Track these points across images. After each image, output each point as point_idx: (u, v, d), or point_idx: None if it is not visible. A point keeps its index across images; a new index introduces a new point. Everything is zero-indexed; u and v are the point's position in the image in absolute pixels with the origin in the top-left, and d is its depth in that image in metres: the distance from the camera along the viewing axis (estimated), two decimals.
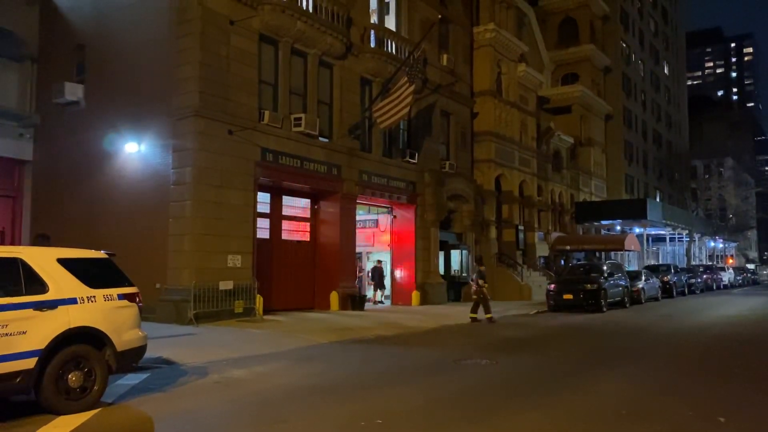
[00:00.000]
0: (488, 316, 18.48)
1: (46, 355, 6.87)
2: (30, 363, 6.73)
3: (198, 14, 16.98)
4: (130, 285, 8.11)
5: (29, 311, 6.85)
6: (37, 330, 6.84)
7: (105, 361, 7.45)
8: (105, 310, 7.53)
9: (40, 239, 15.68)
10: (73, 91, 19.27)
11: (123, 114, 18.20)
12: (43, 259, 7.30)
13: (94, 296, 7.46)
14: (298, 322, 16.91)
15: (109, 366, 7.50)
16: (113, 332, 7.53)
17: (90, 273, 7.65)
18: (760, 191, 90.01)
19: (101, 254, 8.20)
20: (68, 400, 7.06)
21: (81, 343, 7.26)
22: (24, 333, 6.74)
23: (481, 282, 18.78)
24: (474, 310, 18.62)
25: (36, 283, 7.06)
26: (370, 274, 25.99)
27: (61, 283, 7.23)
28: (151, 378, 9.23)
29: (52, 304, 7.04)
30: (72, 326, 7.12)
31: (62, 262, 7.42)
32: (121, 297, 7.82)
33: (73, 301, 7.24)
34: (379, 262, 26.00)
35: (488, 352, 12.16)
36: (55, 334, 6.95)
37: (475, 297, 18.87)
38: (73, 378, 7.10)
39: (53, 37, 20.75)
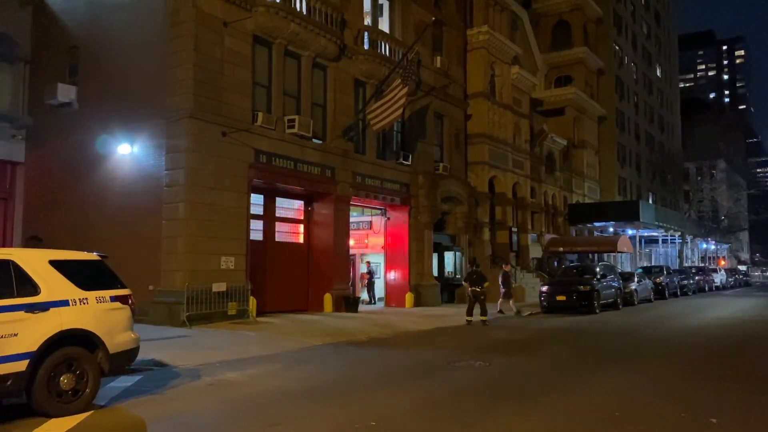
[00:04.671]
0: (483, 318, 18.50)
1: (38, 357, 6.84)
2: (21, 365, 6.69)
3: (191, 16, 16.95)
4: (123, 287, 8.08)
5: (21, 313, 6.81)
6: (28, 332, 6.80)
7: (97, 364, 7.42)
8: (97, 312, 7.50)
9: (32, 241, 15.65)
10: (66, 93, 19.18)
11: (116, 116, 18.14)
12: (35, 261, 7.27)
13: (86, 298, 7.43)
14: (291, 324, 16.90)
15: (102, 368, 7.47)
16: (105, 334, 7.50)
17: (82, 275, 7.61)
18: (751, 193, 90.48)
19: (93, 256, 8.17)
20: (60, 403, 7.03)
21: (73, 345, 7.23)
22: (15, 335, 6.70)
23: (487, 285, 18.91)
24: (470, 313, 18.62)
25: (28, 285, 7.03)
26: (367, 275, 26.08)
27: (53, 285, 7.20)
28: (144, 380, 9.19)
29: (44, 307, 7.01)
30: (64, 328, 7.09)
31: (54, 264, 7.39)
32: (114, 299, 7.79)
33: (65, 303, 7.20)
34: (368, 263, 26.04)
35: (482, 353, 12.18)
36: (46, 336, 6.91)
37: (472, 296, 18.83)
38: (65, 380, 7.07)
39: (46, 38, 20.67)
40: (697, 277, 42.78)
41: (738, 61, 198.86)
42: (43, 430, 6.58)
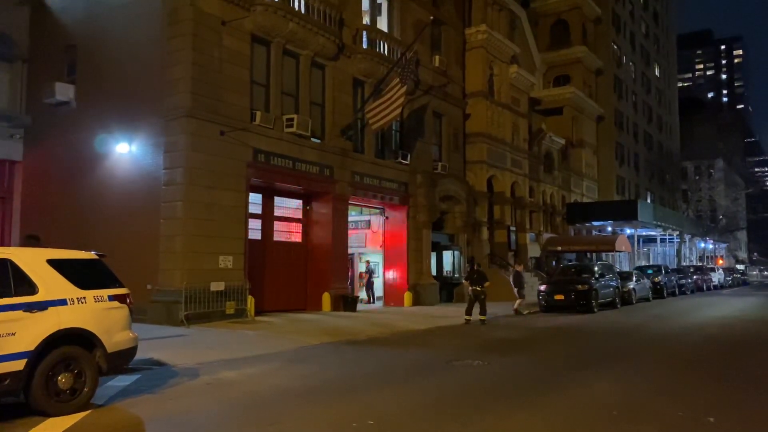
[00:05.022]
0: (482, 317, 18.50)
1: (36, 356, 6.83)
2: (19, 365, 6.69)
3: (190, 15, 16.93)
4: (121, 286, 8.07)
5: (19, 313, 6.80)
6: (26, 331, 6.80)
7: (95, 363, 7.41)
8: (95, 312, 7.49)
9: (30, 240, 15.60)
10: (64, 92, 19.17)
11: (114, 114, 18.13)
12: (32, 261, 7.25)
13: (84, 297, 7.42)
14: (289, 323, 16.89)
15: (100, 367, 7.46)
16: (103, 333, 7.50)
17: (80, 274, 7.61)
18: (750, 192, 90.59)
19: (91, 255, 8.15)
20: (58, 402, 7.02)
21: (71, 344, 7.22)
22: (13, 334, 6.70)
23: (487, 284, 18.90)
24: (469, 312, 18.62)
25: (25, 285, 7.02)
26: (366, 274, 26.11)
27: (50, 284, 7.19)
28: (142, 379, 9.19)
29: (42, 306, 7.00)
30: (62, 327, 7.08)
31: (52, 263, 7.38)
32: (112, 298, 7.78)
33: (63, 302, 7.20)
34: (368, 262, 26.06)
35: (480, 353, 12.19)
36: (44, 335, 6.90)
37: (472, 296, 18.83)
38: (63, 380, 7.06)
39: (44, 37, 20.64)
40: (695, 277, 42.80)
41: (736, 60, 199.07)
42: (40, 429, 6.57)
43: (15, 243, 19.33)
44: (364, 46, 22.96)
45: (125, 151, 17.92)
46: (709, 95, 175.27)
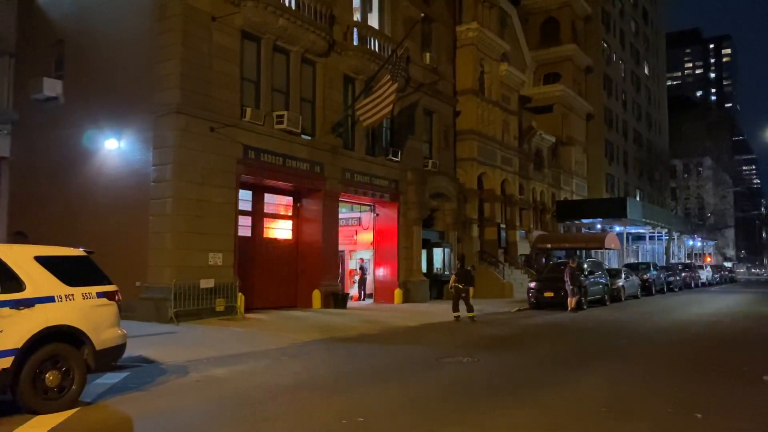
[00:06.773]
0: (470, 314, 18.54)
1: (23, 354, 6.78)
2: (6, 362, 6.63)
3: (179, 10, 16.82)
4: (110, 283, 8.02)
5: (6, 310, 6.74)
6: (13, 329, 6.74)
7: (83, 360, 7.37)
8: (83, 309, 7.44)
9: (18, 237, 15.50)
10: (52, 87, 19.01)
11: (103, 110, 18.00)
12: (20, 257, 7.19)
13: (72, 294, 7.37)
14: (280, 321, 16.86)
15: (88, 365, 7.42)
16: (92, 331, 7.45)
17: (68, 271, 7.55)
18: (737, 190, 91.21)
19: (80, 252, 8.10)
20: (46, 400, 6.98)
21: (59, 341, 7.17)
22: (1, 332, 6.64)
23: (472, 289, 18.87)
24: (455, 309, 18.66)
25: (13, 281, 6.95)
26: (359, 272, 26.10)
27: (38, 281, 7.13)
28: (131, 377, 9.15)
29: (30, 303, 6.94)
30: (50, 325, 7.03)
31: (40, 260, 7.32)
32: (100, 295, 7.73)
33: (50, 299, 7.14)
34: (361, 260, 26.05)
35: (470, 349, 12.21)
36: (32, 332, 6.85)
37: (454, 292, 18.87)
38: (51, 377, 7.02)
39: (31, 32, 20.45)
40: (683, 274, 43.09)
41: (725, 59, 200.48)
42: (28, 427, 6.52)
43: (2, 240, 19.15)
44: (355, 42, 22.91)
45: (114, 147, 17.80)
46: (698, 94, 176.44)
